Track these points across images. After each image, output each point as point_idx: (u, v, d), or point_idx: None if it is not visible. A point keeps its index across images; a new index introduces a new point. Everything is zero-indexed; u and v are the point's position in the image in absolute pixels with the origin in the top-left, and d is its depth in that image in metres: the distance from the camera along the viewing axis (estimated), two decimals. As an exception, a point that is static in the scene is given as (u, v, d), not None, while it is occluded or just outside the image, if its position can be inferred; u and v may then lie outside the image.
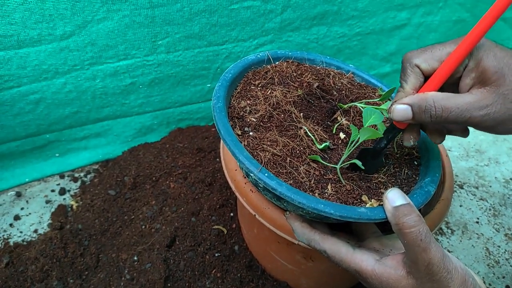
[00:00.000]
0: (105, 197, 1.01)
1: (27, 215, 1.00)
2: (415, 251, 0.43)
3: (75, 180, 1.10)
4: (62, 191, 1.06)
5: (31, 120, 0.98)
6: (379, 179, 0.57)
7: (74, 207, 1.02)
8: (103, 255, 0.89)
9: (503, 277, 0.96)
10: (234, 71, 0.66)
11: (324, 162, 0.57)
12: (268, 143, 0.57)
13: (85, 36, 0.89)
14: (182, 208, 0.97)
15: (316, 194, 0.52)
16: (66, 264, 0.86)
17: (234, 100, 0.64)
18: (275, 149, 0.56)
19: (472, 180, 1.22)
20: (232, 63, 0.68)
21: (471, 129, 0.52)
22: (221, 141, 0.75)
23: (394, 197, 0.47)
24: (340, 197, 0.53)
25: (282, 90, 0.66)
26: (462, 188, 1.19)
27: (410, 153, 0.64)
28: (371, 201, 0.53)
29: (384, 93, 0.61)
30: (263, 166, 0.51)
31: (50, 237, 0.91)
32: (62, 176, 1.11)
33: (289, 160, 0.55)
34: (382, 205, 0.50)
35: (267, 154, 0.55)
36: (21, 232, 0.96)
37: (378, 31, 1.22)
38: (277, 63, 0.73)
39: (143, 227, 0.94)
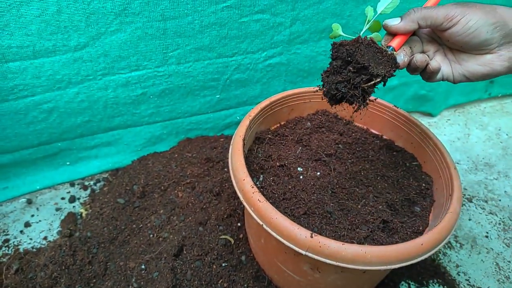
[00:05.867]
0: (114, 206, 1.02)
1: (37, 222, 1.02)
2: None
3: (85, 188, 1.12)
4: (72, 199, 1.08)
5: (43, 128, 1.00)
6: None
7: (83, 215, 1.03)
8: (111, 263, 0.90)
9: (514, 293, 0.95)
10: None
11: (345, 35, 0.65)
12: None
13: (99, 47, 0.91)
14: (190, 218, 0.98)
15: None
16: (75, 272, 0.87)
17: None
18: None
19: (481, 193, 1.21)
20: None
21: (480, 140, 0.53)
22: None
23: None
24: None
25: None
26: (471, 201, 1.18)
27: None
28: None
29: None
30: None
31: (59, 244, 0.92)
32: (72, 184, 1.13)
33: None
34: None
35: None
36: (31, 239, 0.97)
37: (386, 44, 1.23)
38: None
39: (151, 235, 0.95)
